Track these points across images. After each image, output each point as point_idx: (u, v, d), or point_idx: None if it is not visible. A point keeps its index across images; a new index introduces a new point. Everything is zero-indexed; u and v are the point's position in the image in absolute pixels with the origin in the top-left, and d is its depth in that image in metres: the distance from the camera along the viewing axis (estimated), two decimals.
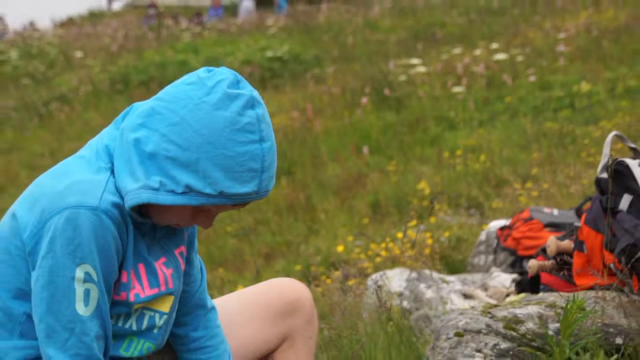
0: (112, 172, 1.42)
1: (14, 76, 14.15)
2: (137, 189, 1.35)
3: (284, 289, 1.85)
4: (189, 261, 1.66)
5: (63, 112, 11.65)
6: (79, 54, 15.08)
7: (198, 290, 1.70)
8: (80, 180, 1.40)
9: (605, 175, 2.23)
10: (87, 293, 1.43)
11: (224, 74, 1.37)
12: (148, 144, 1.34)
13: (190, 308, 1.69)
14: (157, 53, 13.13)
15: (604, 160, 2.26)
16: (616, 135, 2.32)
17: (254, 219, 6.35)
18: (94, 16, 22.58)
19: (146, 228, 1.52)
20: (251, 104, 1.34)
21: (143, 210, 1.46)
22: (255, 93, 1.38)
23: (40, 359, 1.49)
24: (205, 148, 1.33)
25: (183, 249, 1.62)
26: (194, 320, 1.72)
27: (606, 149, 2.27)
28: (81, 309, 1.43)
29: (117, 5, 25.15)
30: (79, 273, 1.40)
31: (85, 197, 1.37)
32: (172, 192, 1.36)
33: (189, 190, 1.34)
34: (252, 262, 5.33)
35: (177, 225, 1.52)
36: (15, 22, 18.94)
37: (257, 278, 4.15)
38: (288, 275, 3.04)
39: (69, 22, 21.19)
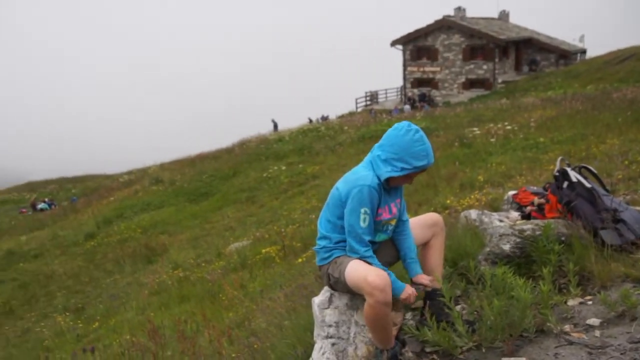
0: (373, 169, 3.99)
1: (321, 136, 32.25)
2: (384, 172, 3.92)
3: (432, 215, 4.50)
4: (400, 203, 4.21)
5: (340, 149, 27.61)
6: (345, 127, 32.69)
7: (402, 213, 4.27)
8: (363, 174, 3.97)
9: (557, 173, 5.60)
10: (364, 218, 3.90)
11: (407, 124, 3.95)
12: (382, 155, 3.95)
13: (399, 219, 4.28)
14: (376, 125, 29.49)
15: (557, 167, 5.64)
16: (561, 158, 5.68)
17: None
18: (350, 114, 48.97)
19: (387, 191, 4.03)
20: (418, 131, 3.90)
21: (384, 183, 3.97)
22: (419, 129, 3.93)
23: (341, 241, 4.08)
24: (405, 151, 3.87)
25: (398, 200, 4.17)
26: (400, 223, 4.28)
27: (557, 163, 5.67)
28: (362, 224, 3.92)
29: (360, 109, 52.91)
30: (362, 210, 3.90)
31: (365, 180, 3.90)
32: (396, 171, 3.90)
33: (402, 169, 3.89)
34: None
35: (399, 185, 4.06)
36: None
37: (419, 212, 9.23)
38: (436, 211, 6.79)
39: (342, 116, 45.74)
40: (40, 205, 42.68)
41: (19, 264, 24.36)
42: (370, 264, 3.88)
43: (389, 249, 4.30)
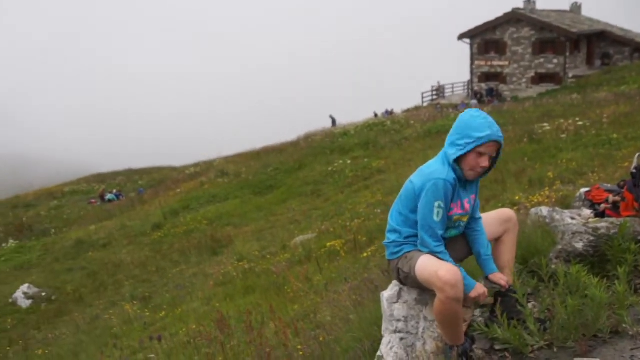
0: (447, 163, 3.97)
1: (387, 130, 32.84)
2: (451, 155, 3.92)
3: (506, 211, 4.45)
4: (475, 200, 4.18)
5: (406, 144, 27.15)
6: (411, 122, 32.74)
7: (475, 211, 4.23)
8: (438, 168, 3.96)
9: (634, 170, 5.45)
10: (438, 212, 3.88)
11: (472, 109, 4.18)
12: (448, 141, 4.00)
13: (471, 216, 4.26)
14: (442, 120, 29.02)
15: (634, 164, 5.49)
16: (639, 155, 5.54)
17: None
18: (416, 109, 48.25)
19: (463, 186, 4.02)
20: (478, 111, 3.98)
21: (460, 174, 3.94)
22: (481, 111, 4.33)
23: (411, 236, 4.05)
24: (466, 128, 3.92)
25: (473, 196, 4.13)
26: (472, 221, 4.25)
27: (635, 160, 5.52)
28: (435, 218, 3.91)
29: (426, 103, 54.13)
30: (436, 204, 3.89)
31: (441, 174, 3.90)
32: (461, 149, 3.90)
33: (466, 144, 3.87)
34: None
35: (473, 171, 3.91)
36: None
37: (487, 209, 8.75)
38: (504, 207, 6.69)
39: (408, 110, 44.98)
40: (109, 196, 43.66)
41: (88, 253, 25.03)
42: (441, 259, 3.86)
43: (460, 245, 4.26)
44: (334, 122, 51.94)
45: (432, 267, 3.77)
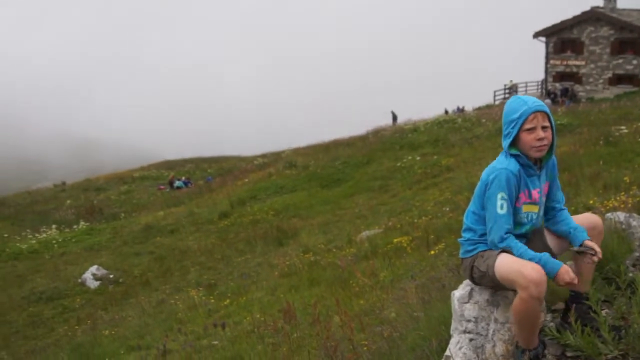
0: (508, 155, 3.88)
1: (457, 128, 32.34)
2: (504, 144, 3.88)
3: (591, 216, 4.19)
4: (550, 188, 4.07)
5: (477, 142, 27.14)
6: (483, 120, 32.26)
7: (555, 199, 4.11)
8: (499, 160, 3.90)
9: None
10: (501, 204, 3.79)
11: (516, 96, 4.20)
12: (503, 133, 4.03)
13: (552, 205, 4.15)
14: None
15: None
16: None
17: None
18: (488, 107, 46.24)
19: (529, 174, 3.88)
20: (514, 96, 4.26)
21: (524, 161, 3.86)
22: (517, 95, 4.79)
23: (486, 235, 3.93)
24: (507, 114, 3.88)
25: (546, 186, 4.01)
26: (551, 211, 4.14)
27: None
28: (499, 210, 3.82)
29: (498, 101, 52.40)
30: (499, 195, 3.81)
31: (502, 164, 3.85)
32: (509, 136, 3.85)
33: (513, 127, 3.83)
34: None
35: (535, 148, 3.79)
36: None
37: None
38: (577, 211, 6.54)
39: (479, 108, 42.82)
40: (177, 183, 44.46)
41: (156, 237, 25.56)
42: (513, 254, 3.78)
43: (535, 243, 4.09)
44: (395, 118, 51.28)
45: (516, 264, 3.69)
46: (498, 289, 4.01)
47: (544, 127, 3.86)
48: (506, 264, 3.76)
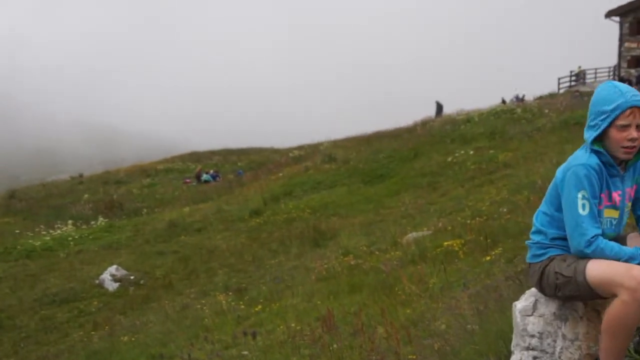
0: (589, 150, 3.70)
1: (516, 119, 32.70)
2: (588, 138, 3.67)
3: None
4: (638, 194, 3.89)
5: (538, 135, 27.51)
6: (545, 110, 33.90)
7: None
8: (577, 155, 3.72)
9: None
10: (583, 204, 3.58)
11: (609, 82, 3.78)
12: (586, 126, 3.77)
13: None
14: (583, 109, 26.14)
15: None
16: None
17: None
18: (551, 96, 48.57)
19: (611, 174, 3.70)
20: (606, 82, 3.74)
21: (606, 159, 3.68)
22: (610, 81, 4.04)
23: (558, 238, 3.83)
24: (596, 104, 3.67)
25: (630, 190, 3.82)
26: None
27: None
28: (581, 211, 3.60)
29: (562, 90, 53.22)
30: (579, 194, 3.60)
31: (580, 159, 3.67)
32: (595, 129, 3.65)
33: (602, 121, 3.61)
34: None
35: (624, 148, 3.61)
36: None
37: None
38: None
39: (541, 97, 46.70)
40: (205, 177, 44.72)
41: (181, 236, 25.77)
42: (604, 258, 3.61)
43: None
44: (439, 109, 48.04)
45: (618, 265, 3.54)
46: (576, 299, 3.89)
47: (638, 126, 3.64)
48: (605, 266, 3.58)
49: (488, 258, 10.18)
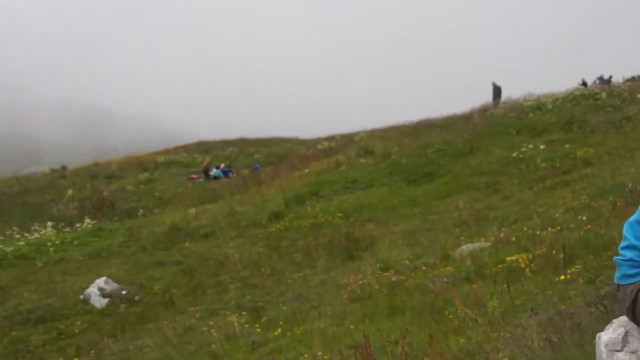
0: None
1: (600, 106, 32.07)
2: None
3: None
4: None
5: (628, 126, 26.60)
6: (638, 95, 32.32)
7: None
8: None
9: None
10: None
11: None
12: None
13: None
14: None
15: None
16: None
17: None
18: None
19: None
20: None
21: None
22: None
23: None
24: None
25: None
26: None
27: None
28: None
29: None
30: None
31: None
32: None
33: None
34: None
35: None
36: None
37: None
38: None
39: (633, 79, 45.68)
40: (214, 172, 44.81)
41: (185, 243, 25.86)
42: None
43: None
44: (497, 92, 45.91)
45: None
46: None
47: None
48: None
49: (562, 277, 10.11)
